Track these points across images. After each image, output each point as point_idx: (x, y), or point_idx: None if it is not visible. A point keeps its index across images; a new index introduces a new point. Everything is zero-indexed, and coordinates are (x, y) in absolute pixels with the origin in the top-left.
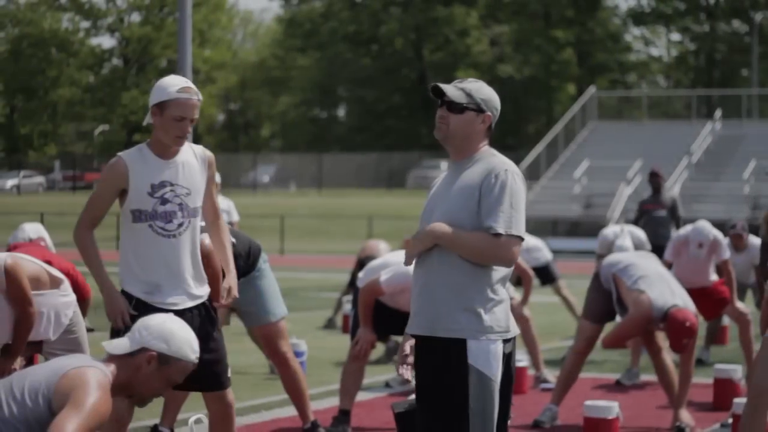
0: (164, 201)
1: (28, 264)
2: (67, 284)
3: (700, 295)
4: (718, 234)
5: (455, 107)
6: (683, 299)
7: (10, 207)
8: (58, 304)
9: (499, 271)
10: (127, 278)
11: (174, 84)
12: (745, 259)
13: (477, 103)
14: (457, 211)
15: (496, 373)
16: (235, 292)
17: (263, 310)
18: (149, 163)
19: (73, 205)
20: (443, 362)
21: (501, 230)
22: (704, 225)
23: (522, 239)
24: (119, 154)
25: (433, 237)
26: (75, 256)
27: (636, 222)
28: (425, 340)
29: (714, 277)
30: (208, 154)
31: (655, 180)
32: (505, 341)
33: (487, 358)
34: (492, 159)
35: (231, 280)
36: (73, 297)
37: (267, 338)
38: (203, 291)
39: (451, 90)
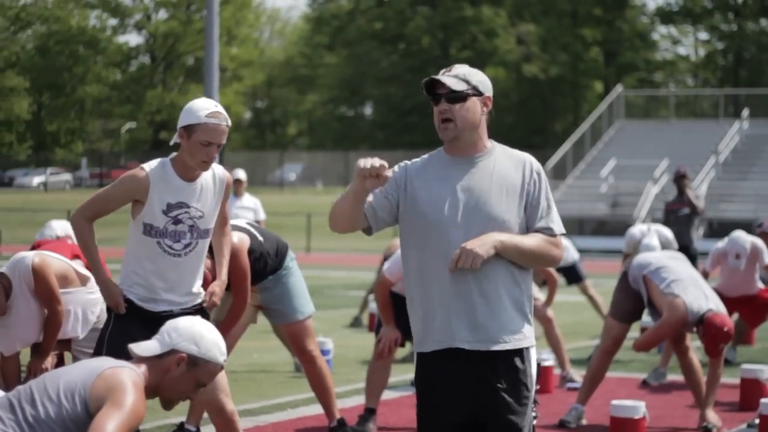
0: (177, 221)
1: (56, 262)
2: (93, 281)
3: (745, 302)
4: (756, 240)
5: (458, 97)
6: (716, 303)
7: (37, 204)
8: (85, 302)
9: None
10: (126, 279)
11: (203, 108)
12: None
13: (475, 86)
14: (505, 211)
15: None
16: (216, 299)
17: (290, 308)
18: (170, 183)
19: None
20: (508, 374)
21: (557, 231)
22: (739, 235)
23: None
24: (143, 166)
25: (501, 245)
26: (102, 253)
27: (664, 224)
28: (479, 354)
29: (760, 284)
30: (227, 176)
31: (680, 181)
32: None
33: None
34: (515, 154)
35: (217, 286)
36: (99, 294)
37: (294, 336)
38: (194, 300)
39: (450, 80)
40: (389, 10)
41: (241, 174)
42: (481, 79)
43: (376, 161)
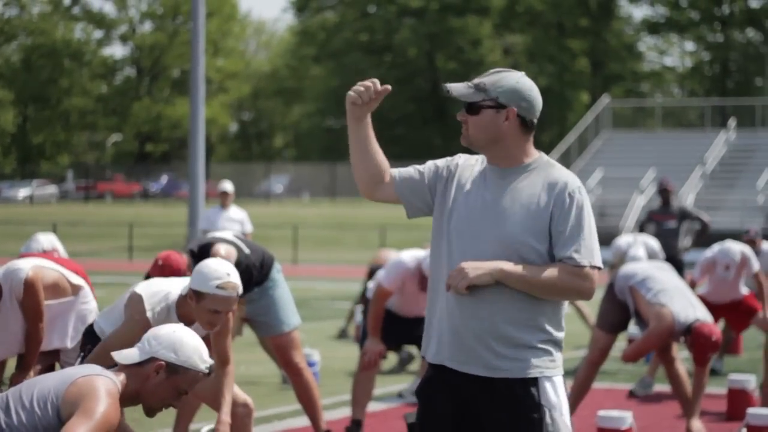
0: None
1: (49, 272)
2: (87, 291)
3: (731, 308)
4: (745, 249)
5: (472, 108)
6: (703, 312)
7: (23, 217)
8: (77, 312)
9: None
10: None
11: (215, 276)
12: (761, 264)
13: (494, 98)
14: (521, 233)
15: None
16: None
17: (276, 320)
18: None
19: (85, 215)
20: (518, 405)
21: (585, 262)
22: (730, 246)
23: (601, 269)
24: (147, 308)
25: (501, 275)
26: (87, 266)
27: (641, 227)
28: (467, 377)
29: (745, 289)
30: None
31: (665, 193)
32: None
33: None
34: (554, 171)
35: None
36: (93, 305)
37: (280, 348)
38: None
39: (461, 89)
40: (376, 21)
41: (227, 186)
42: (507, 88)
43: (366, 83)
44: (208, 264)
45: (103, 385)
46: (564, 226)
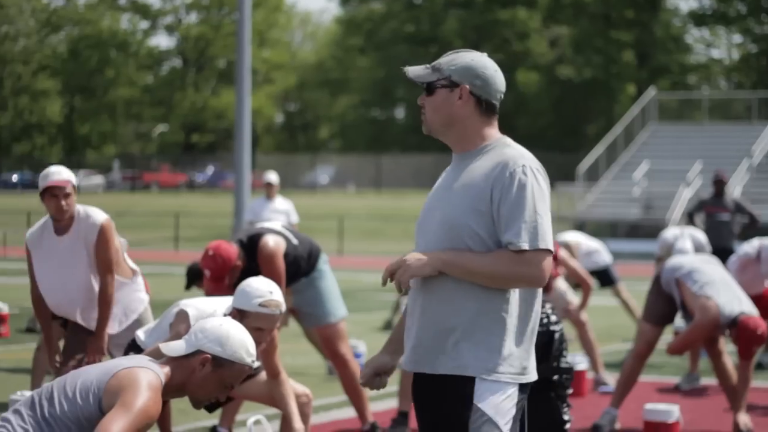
0: None
1: (115, 240)
2: (140, 279)
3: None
4: None
5: (428, 89)
6: (749, 305)
7: None
8: (128, 297)
9: (520, 292)
10: None
11: (258, 295)
12: None
13: (447, 76)
14: (460, 215)
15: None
16: None
17: (323, 311)
18: None
19: (131, 205)
20: (445, 403)
21: (525, 245)
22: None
23: (551, 252)
24: None
25: (442, 264)
26: (133, 256)
27: (691, 215)
28: (425, 377)
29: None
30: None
31: (719, 184)
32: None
33: (497, 404)
34: (505, 150)
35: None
36: (144, 296)
37: (326, 339)
38: None
39: (417, 70)
40: (422, 12)
41: (272, 177)
42: (460, 66)
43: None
44: (251, 283)
45: (144, 377)
46: (504, 209)
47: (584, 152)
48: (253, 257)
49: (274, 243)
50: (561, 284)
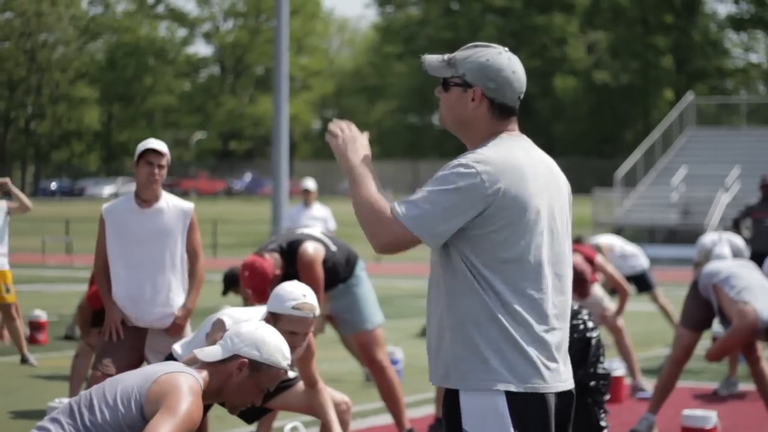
0: None
1: None
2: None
3: None
4: None
5: (444, 84)
6: None
7: None
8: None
9: (520, 300)
10: None
11: (291, 298)
12: None
13: (461, 75)
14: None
15: None
16: None
17: (360, 318)
18: None
19: None
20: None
21: (399, 211)
22: None
23: (412, 236)
24: None
25: (346, 167)
26: None
27: (737, 222)
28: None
29: None
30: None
31: (766, 189)
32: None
33: (481, 418)
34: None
35: None
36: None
37: (364, 346)
38: None
39: (433, 61)
40: (459, 18)
41: (310, 184)
42: (474, 65)
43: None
44: (284, 286)
45: (185, 382)
46: None
47: (622, 157)
48: (293, 263)
49: (313, 249)
50: (598, 290)
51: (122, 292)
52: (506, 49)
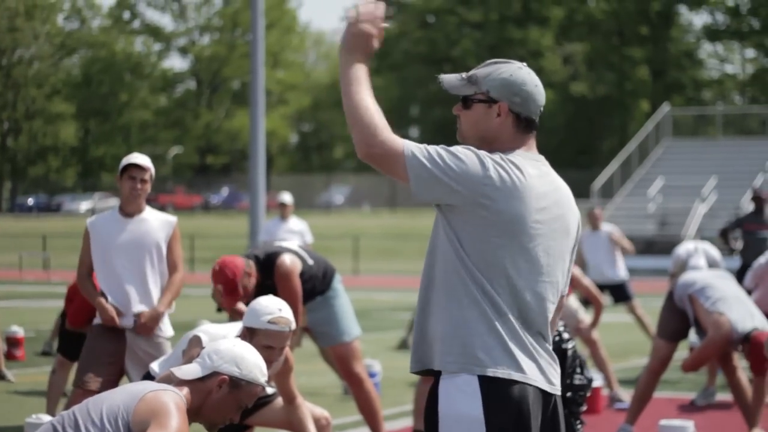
0: None
1: None
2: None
3: None
4: None
5: (465, 102)
6: (762, 321)
7: None
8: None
9: (510, 302)
10: None
11: (267, 312)
12: None
13: (485, 91)
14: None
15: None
16: None
17: (338, 330)
18: None
19: None
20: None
21: (400, 145)
22: None
23: (402, 170)
24: None
25: (343, 55)
26: None
27: (725, 232)
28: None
29: None
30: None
31: (758, 201)
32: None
33: (454, 400)
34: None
35: None
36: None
37: (341, 358)
38: None
39: (452, 81)
40: (436, 32)
41: (286, 197)
42: (498, 82)
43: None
44: (260, 301)
45: (172, 399)
46: None
47: (599, 169)
48: (270, 275)
49: (290, 261)
50: (573, 302)
51: (106, 298)
52: (525, 64)
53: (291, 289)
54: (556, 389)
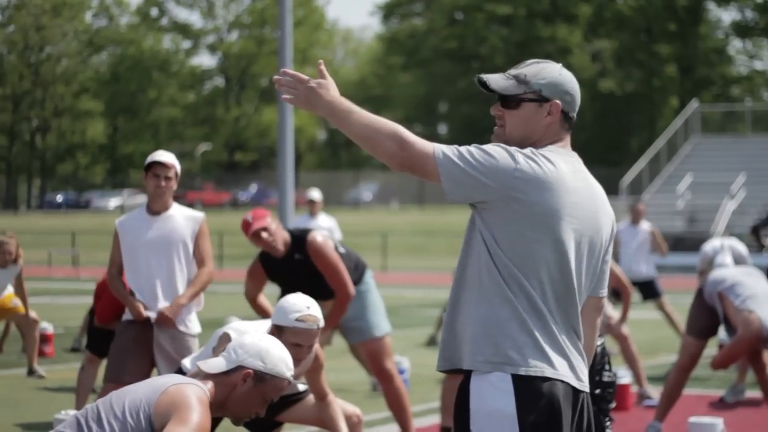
0: None
1: None
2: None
3: None
4: None
5: (510, 101)
6: None
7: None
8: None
9: (542, 301)
10: None
11: (295, 310)
12: None
13: (536, 90)
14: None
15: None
16: None
17: (369, 325)
18: None
19: None
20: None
21: (435, 148)
22: None
23: (434, 171)
24: None
25: (316, 101)
26: None
27: (756, 229)
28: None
29: None
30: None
31: None
32: (539, 380)
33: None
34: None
35: None
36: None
37: (372, 354)
38: None
39: (499, 81)
40: (464, 29)
41: (315, 194)
42: (549, 81)
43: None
44: (288, 299)
45: (194, 393)
46: None
47: (627, 166)
48: (299, 248)
49: (322, 237)
50: None
51: (135, 295)
52: (560, 65)
53: (329, 261)
54: (585, 386)
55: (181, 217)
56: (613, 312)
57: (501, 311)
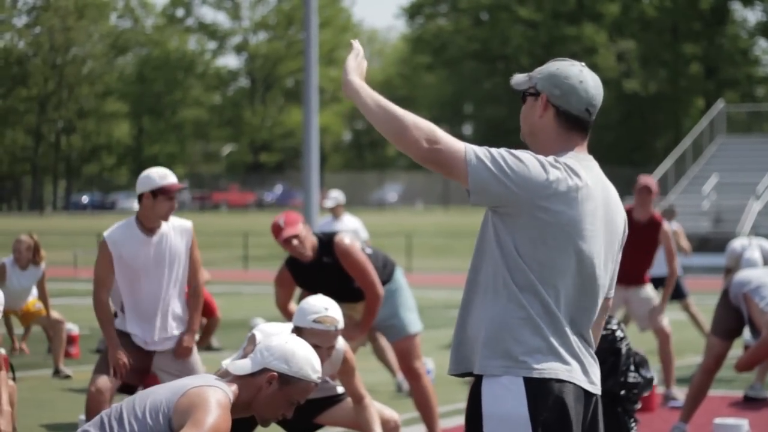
0: None
1: None
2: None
3: None
4: None
5: (521, 96)
6: None
7: None
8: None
9: (552, 301)
10: None
11: (313, 311)
12: None
13: (534, 84)
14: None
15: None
16: None
17: (402, 323)
18: None
19: (201, 225)
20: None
21: (463, 147)
22: None
23: (462, 162)
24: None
25: (352, 88)
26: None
27: None
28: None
29: None
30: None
31: None
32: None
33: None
34: None
35: None
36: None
37: (403, 352)
38: None
39: (517, 77)
40: (489, 29)
41: (328, 202)
42: (546, 74)
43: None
44: (308, 300)
45: (213, 395)
46: None
47: (653, 166)
48: (327, 251)
49: (349, 239)
50: (649, 289)
51: (133, 321)
52: (583, 64)
53: (357, 262)
54: (597, 389)
55: (175, 233)
56: (658, 303)
57: (514, 316)
